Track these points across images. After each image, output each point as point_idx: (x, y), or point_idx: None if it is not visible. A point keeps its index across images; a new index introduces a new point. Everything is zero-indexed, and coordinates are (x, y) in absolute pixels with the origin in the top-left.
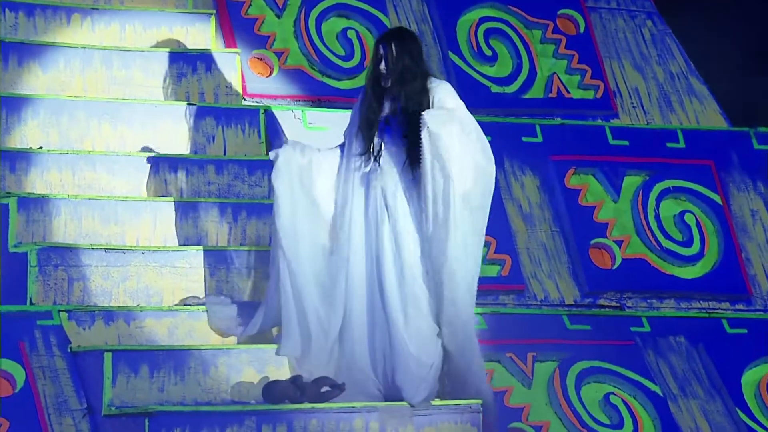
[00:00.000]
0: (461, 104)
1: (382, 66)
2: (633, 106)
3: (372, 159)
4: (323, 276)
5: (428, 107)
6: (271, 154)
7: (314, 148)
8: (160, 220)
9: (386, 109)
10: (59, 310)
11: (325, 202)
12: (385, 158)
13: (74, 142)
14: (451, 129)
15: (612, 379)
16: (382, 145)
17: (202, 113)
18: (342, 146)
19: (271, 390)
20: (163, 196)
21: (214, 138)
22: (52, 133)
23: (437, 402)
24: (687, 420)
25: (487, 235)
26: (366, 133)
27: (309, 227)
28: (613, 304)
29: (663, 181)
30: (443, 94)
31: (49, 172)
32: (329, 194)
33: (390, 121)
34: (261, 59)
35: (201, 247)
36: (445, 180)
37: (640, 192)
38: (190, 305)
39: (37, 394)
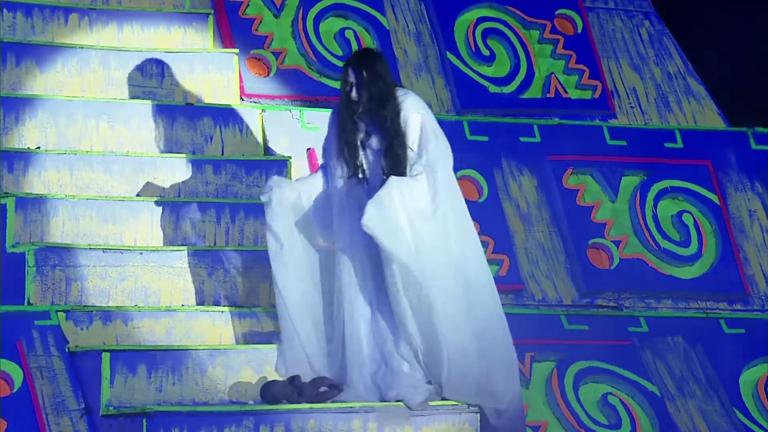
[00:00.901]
0: (428, 116)
1: (354, 94)
2: (631, 106)
3: (362, 180)
4: (318, 306)
5: (398, 124)
6: (263, 197)
7: (297, 181)
8: (157, 220)
9: (362, 130)
10: (57, 310)
11: (319, 230)
12: (372, 177)
13: (72, 142)
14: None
15: (610, 379)
16: (366, 164)
17: (199, 113)
18: (323, 167)
19: (269, 390)
20: (160, 197)
21: (211, 138)
22: (49, 133)
23: (435, 402)
24: (685, 420)
25: (485, 234)
26: (350, 158)
27: (306, 260)
28: (611, 304)
29: (661, 181)
30: (409, 112)
31: (47, 172)
32: (323, 221)
33: (368, 141)
34: (259, 59)
35: (199, 248)
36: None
37: (638, 192)
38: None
39: (35, 394)
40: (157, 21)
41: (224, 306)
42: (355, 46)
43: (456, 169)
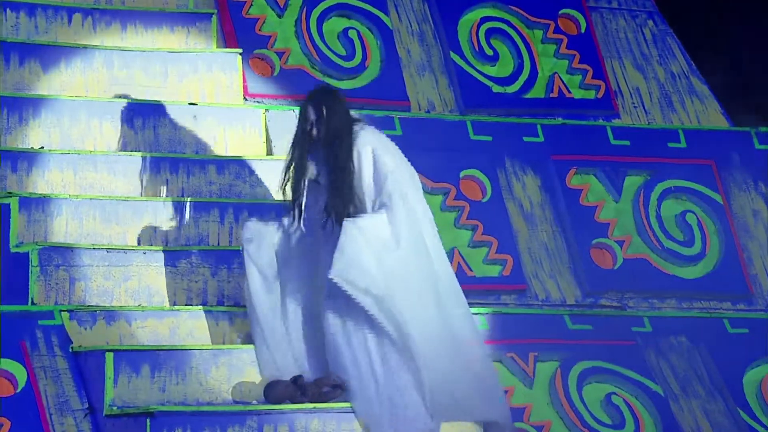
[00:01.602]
0: (381, 147)
1: (314, 131)
2: (634, 106)
3: (297, 220)
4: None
5: (346, 160)
6: (244, 244)
7: (270, 220)
8: (161, 220)
9: (313, 168)
10: (61, 310)
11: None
12: (310, 219)
13: (75, 142)
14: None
15: (613, 379)
16: (305, 206)
17: (203, 113)
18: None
19: (272, 390)
20: (164, 196)
21: (215, 138)
22: (53, 133)
23: None
24: (688, 420)
25: (488, 234)
26: (293, 194)
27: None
28: (615, 304)
29: (664, 181)
30: (362, 147)
31: (51, 172)
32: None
33: (318, 179)
34: (262, 59)
35: (202, 247)
36: None
37: (642, 192)
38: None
39: (39, 394)
40: (160, 21)
41: (227, 306)
42: (358, 46)
43: (459, 168)
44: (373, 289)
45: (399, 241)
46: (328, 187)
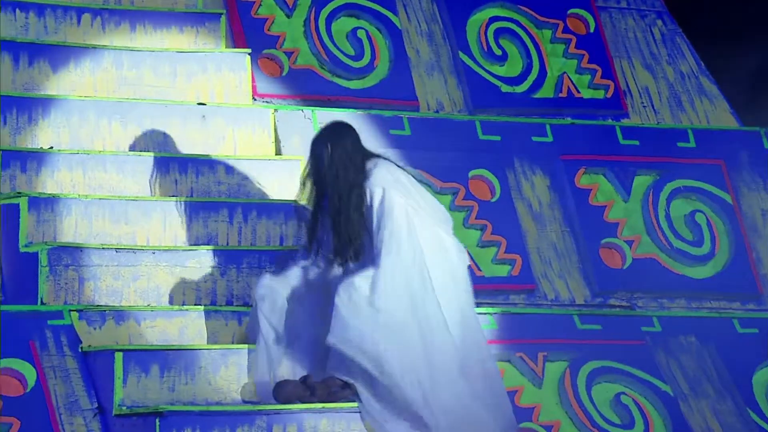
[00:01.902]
0: (391, 190)
1: (321, 174)
2: (643, 106)
3: (314, 254)
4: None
5: (351, 199)
6: (257, 301)
7: (283, 276)
8: (170, 220)
9: (326, 207)
10: (70, 310)
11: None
12: (326, 255)
13: (84, 142)
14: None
15: (623, 378)
16: (321, 242)
17: (212, 113)
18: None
19: (282, 390)
20: (173, 196)
21: (224, 138)
22: (62, 133)
23: None
24: (698, 420)
25: (497, 234)
26: (309, 229)
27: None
28: (624, 303)
29: (673, 180)
30: (374, 187)
31: (60, 172)
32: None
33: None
34: (271, 59)
35: (211, 247)
36: None
37: (651, 192)
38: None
39: (48, 393)
40: (169, 21)
41: (237, 305)
42: (367, 46)
43: (468, 168)
44: (368, 348)
45: (379, 307)
46: (337, 228)
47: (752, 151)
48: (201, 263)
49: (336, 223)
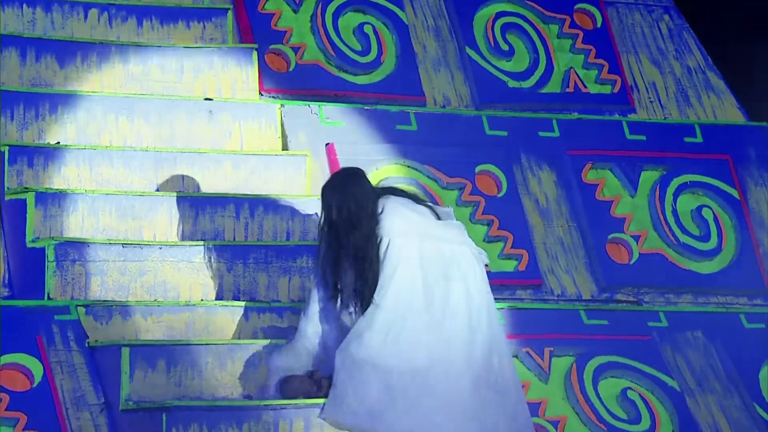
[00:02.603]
0: (396, 239)
1: (333, 221)
2: (650, 101)
3: (339, 300)
4: None
5: (364, 250)
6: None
7: (301, 349)
8: (177, 215)
9: (342, 254)
10: (77, 305)
11: None
12: (348, 298)
13: (91, 137)
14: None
15: (629, 374)
16: (343, 284)
17: (218, 108)
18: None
19: (288, 385)
20: (180, 192)
21: (231, 133)
22: (69, 128)
23: None
24: (704, 415)
25: (504, 230)
26: (330, 277)
27: None
28: (631, 299)
29: (680, 175)
30: (383, 235)
31: (67, 167)
32: None
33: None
34: (278, 54)
35: (218, 242)
36: None
37: (658, 187)
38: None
39: (55, 388)
40: (176, 16)
41: (243, 301)
42: (374, 41)
43: (475, 164)
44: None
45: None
46: (360, 273)
47: (759, 146)
48: (208, 258)
49: (360, 269)
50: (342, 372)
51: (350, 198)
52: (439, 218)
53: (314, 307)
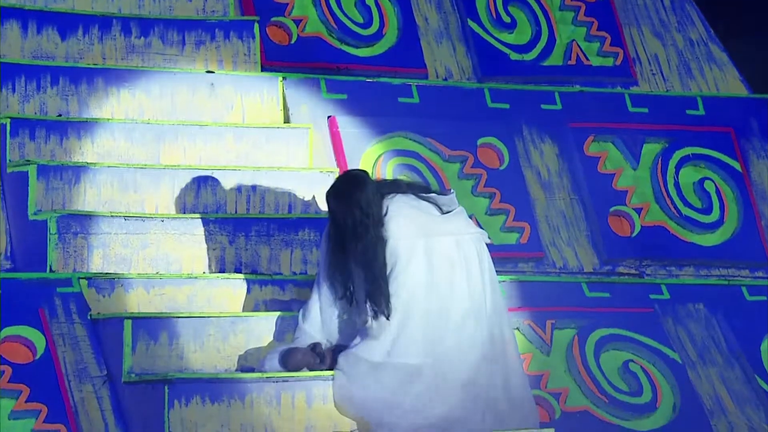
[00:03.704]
0: (404, 240)
1: (339, 226)
2: (652, 73)
3: (351, 301)
4: None
5: (372, 256)
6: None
7: (310, 343)
8: (179, 187)
9: (349, 258)
10: (79, 278)
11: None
12: (357, 300)
13: (93, 109)
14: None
15: (631, 346)
16: (354, 287)
17: (220, 81)
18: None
19: (290, 357)
20: (181, 164)
21: (232, 106)
22: (71, 100)
23: None
24: (706, 387)
25: (506, 202)
26: (339, 278)
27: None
28: (632, 271)
29: (682, 148)
30: (389, 240)
31: (69, 139)
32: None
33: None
34: (279, 27)
35: (220, 215)
36: None
37: (660, 159)
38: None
39: (57, 361)
40: None
41: (245, 273)
42: (376, 13)
43: (477, 136)
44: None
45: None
46: (370, 277)
47: (762, 119)
48: (209, 231)
49: (369, 273)
50: (348, 369)
51: (355, 206)
52: (441, 210)
53: (316, 306)
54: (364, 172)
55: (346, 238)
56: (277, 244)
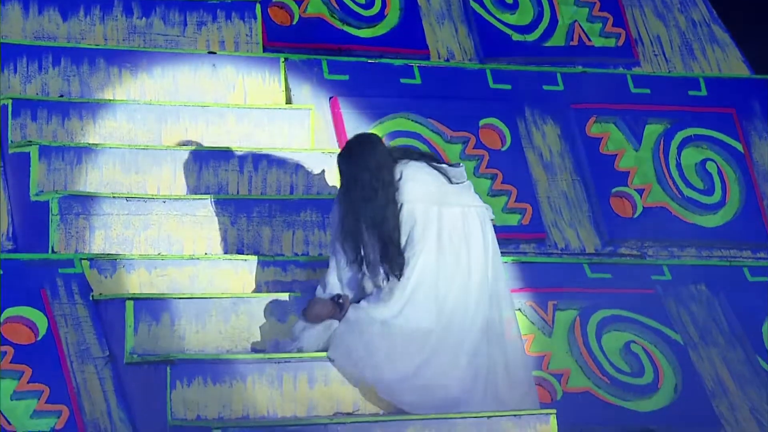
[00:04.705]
0: (420, 204)
1: (350, 189)
2: (655, 54)
3: (364, 265)
4: None
5: (384, 216)
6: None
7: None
8: (180, 168)
9: (360, 220)
10: (81, 259)
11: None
12: (371, 264)
13: (95, 90)
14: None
15: (632, 327)
16: (366, 251)
17: (222, 62)
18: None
19: (312, 308)
20: (183, 145)
21: (234, 87)
22: (72, 81)
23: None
24: (707, 368)
25: (508, 183)
26: (351, 242)
27: None
28: (634, 252)
29: (684, 129)
30: (404, 201)
31: (70, 120)
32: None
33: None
34: (281, 7)
35: (222, 196)
36: None
37: (662, 140)
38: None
39: (60, 342)
40: None
41: (247, 254)
42: None
43: (479, 117)
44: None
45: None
46: (383, 240)
47: (764, 100)
48: (211, 212)
49: (381, 236)
50: (353, 325)
51: (364, 168)
52: (450, 181)
53: (333, 274)
54: (376, 135)
55: (355, 201)
56: (278, 225)
